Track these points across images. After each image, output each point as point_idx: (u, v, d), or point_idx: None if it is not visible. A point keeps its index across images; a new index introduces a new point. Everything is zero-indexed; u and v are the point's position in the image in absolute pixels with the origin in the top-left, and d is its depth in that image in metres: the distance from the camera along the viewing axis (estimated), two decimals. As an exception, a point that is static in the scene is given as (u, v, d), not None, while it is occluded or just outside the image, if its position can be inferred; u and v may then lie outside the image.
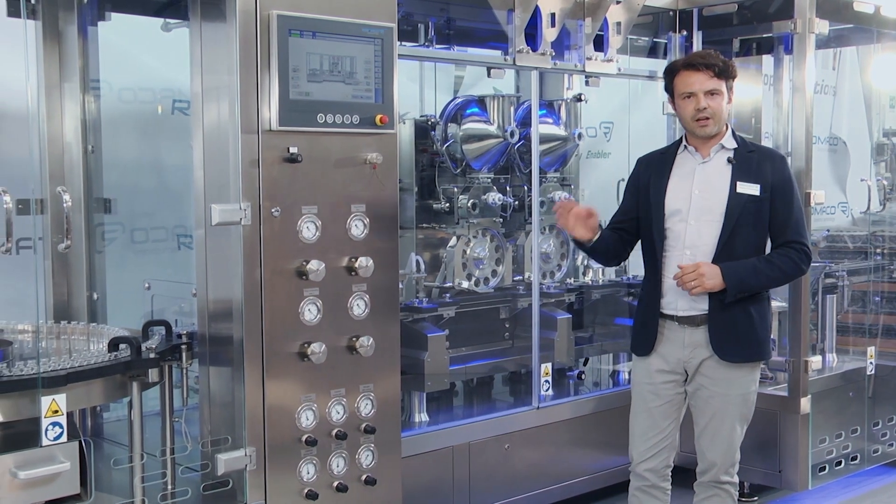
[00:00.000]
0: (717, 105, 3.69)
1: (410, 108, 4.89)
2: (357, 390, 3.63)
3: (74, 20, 4.01)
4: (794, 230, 3.75)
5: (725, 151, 3.77)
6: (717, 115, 3.70)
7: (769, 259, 3.74)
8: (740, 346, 3.75)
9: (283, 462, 3.47)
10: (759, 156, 3.79)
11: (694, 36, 5.27)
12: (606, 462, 4.92)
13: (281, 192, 3.40)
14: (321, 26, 3.44)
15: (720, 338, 3.73)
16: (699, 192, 3.74)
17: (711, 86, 3.69)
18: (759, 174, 3.72)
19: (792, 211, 3.74)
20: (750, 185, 3.70)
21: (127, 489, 3.34)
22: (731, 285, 3.64)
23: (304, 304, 3.46)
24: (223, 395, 3.49)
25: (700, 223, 3.72)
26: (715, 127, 3.72)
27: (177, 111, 4.80)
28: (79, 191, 4.07)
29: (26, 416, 2.94)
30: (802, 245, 3.75)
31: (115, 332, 3.58)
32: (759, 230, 3.74)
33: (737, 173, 3.72)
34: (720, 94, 3.70)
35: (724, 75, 3.71)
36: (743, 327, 3.73)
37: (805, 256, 3.76)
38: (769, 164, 3.76)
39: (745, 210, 3.69)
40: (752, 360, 3.80)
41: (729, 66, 3.74)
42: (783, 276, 3.79)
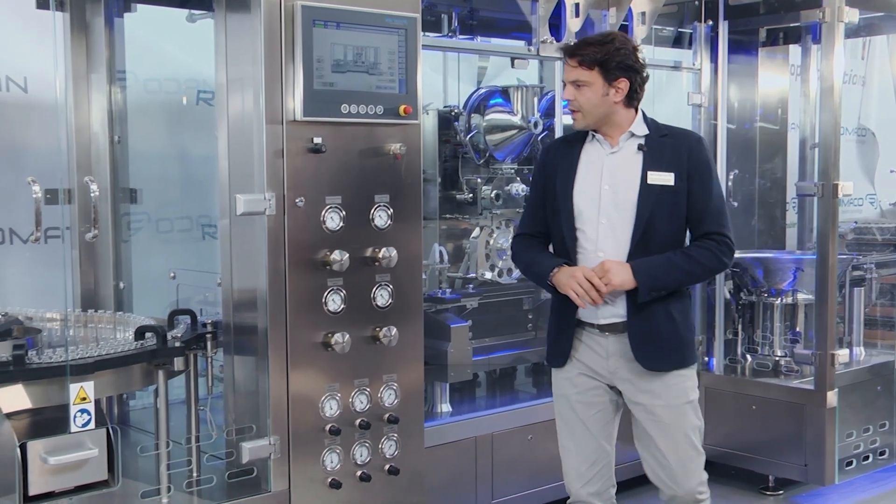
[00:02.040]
0: (583, 97, 3.31)
1: (434, 99, 4.88)
2: (380, 380, 3.64)
3: (101, 11, 4.04)
4: (714, 220, 3.36)
5: (636, 139, 3.37)
6: (584, 107, 3.32)
7: (686, 252, 3.35)
8: (664, 352, 3.37)
9: (307, 451, 3.49)
10: (673, 140, 3.38)
11: (719, 26, 5.23)
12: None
13: (305, 183, 3.41)
14: (345, 17, 3.44)
15: (642, 345, 3.35)
16: (609, 188, 3.36)
17: (575, 76, 3.31)
18: (674, 161, 3.34)
19: (710, 199, 3.36)
20: (662, 174, 3.32)
21: (153, 476, 3.37)
22: (642, 282, 3.28)
23: (328, 295, 3.48)
24: (248, 383, 3.51)
25: (612, 222, 3.35)
26: (586, 120, 3.35)
27: (201, 102, 4.83)
28: (105, 181, 4.10)
29: (55, 402, 2.97)
30: (723, 236, 3.36)
31: (141, 321, 3.61)
32: (676, 223, 3.37)
33: (648, 162, 3.34)
34: (588, 86, 3.29)
35: (595, 65, 3.28)
36: (666, 331, 3.36)
37: (727, 248, 3.36)
38: (684, 149, 3.36)
39: (659, 203, 3.31)
40: (679, 367, 3.40)
41: (605, 52, 3.28)
42: (702, 271, 3.41)
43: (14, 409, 2.95)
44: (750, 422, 5.09)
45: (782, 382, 5.07)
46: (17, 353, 2.99)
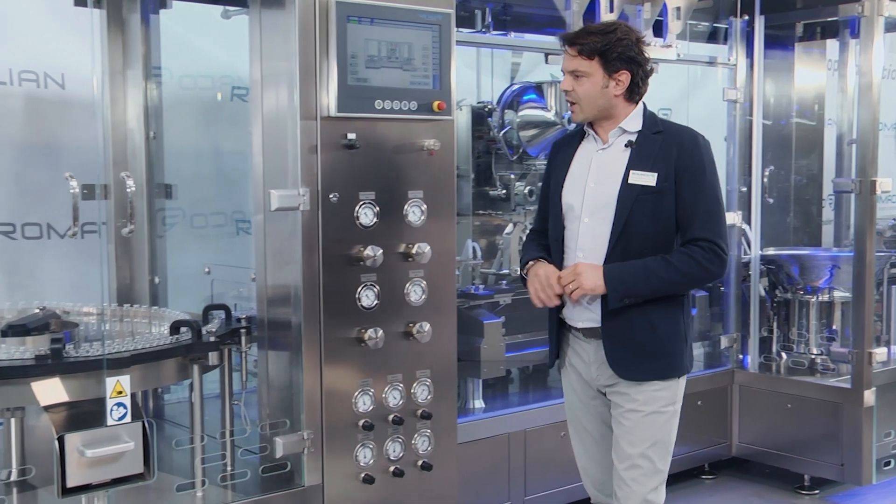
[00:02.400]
0: (581, 89, 3.14)
1: (467, 95, 4.88)
2: (414, 376, 3.64)
3: (137, 8, 4.08)
4: (702, 225, 3.11)
5: (627, 135, 3.20)
6: (582, 99, 3.15)
7: (665, 259, 3.11)
8: (640, 360, 3.17)
9: (341, 446, 3.50)
10: (666, 138, 3.17)
11: (756, 20, 5.19)
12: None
13: (339, 178, 3.41)
14: (379, 12, 3.44)
15: (616, 351, 3.18)
16: (594, 185, 3.20)
17: (574, 66, 3.15)
18: (660, 160, 3.13)
19: (699, 202, 3.12)
20: (645, 173, 3.12)
21: (187, 470, 3.39)
22: (613, 287, 3.09)
23: (362, 290, 3.48)
24: (281, 378, 3.52)
25: (594, 221, 3.18)
26: (584, 113, 3.19)
27: (235, 98, 4.85)
28: (141, 176, 4.14)
29: (91, 396, 2.99)
30: (711, 243, 3.10)
31: (175, 316, 3.64)
32: (660, 227, 3.14)
33: (633, 160, 3.15)
34: (587, 77, 3.13)
35: (595, 55, 3.11)
36: (643, 339, 3.16)
37: (714, 256, 3.10)
38: (674, 148, 3.14)
39: (640, 203, 3.11)
40: (658, 377, 3.18)
41: (606, 42, 3.11)
42: (682, 279, 3.13)
43: (52, 401, 2.97)
44: (785, 420, 5.04)
45: (818, 381, 5.01)
46: (55, 347, 3.02)
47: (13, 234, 4.28)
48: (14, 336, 3.20)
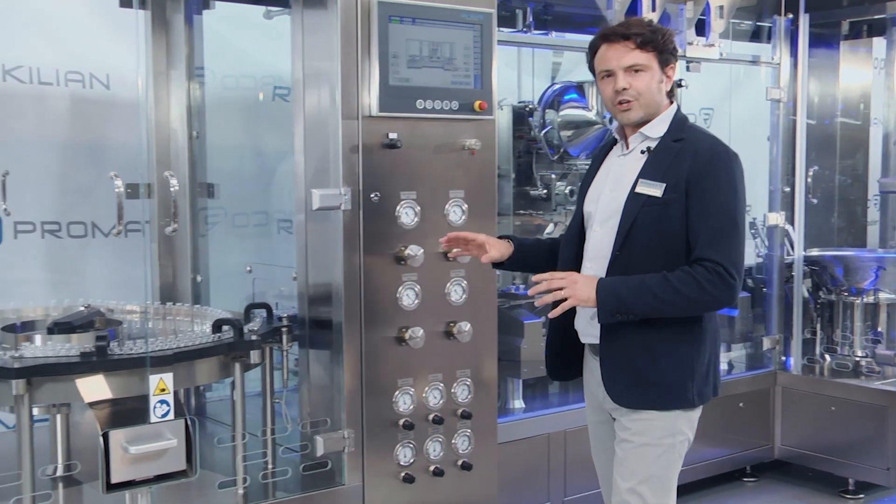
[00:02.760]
0: (641, 84, 2.91)
1: (508, 95, 4.87)
2: (454, 376, 3.64)
3: (181, 9, 4.11)
4: (707, 244, 2.81)
5: (648, 141, 2.98)
6: (642, 96, 2.92)
7: (665, 276, 2.81)
8: (635, 387, 2.92)
9: (381, 445, 3.50)
10: (684, 146, 2.91)
11: (800, 18, 5.14)
12: (704, 453, 4.84)
13: (380, 178, 3.42)
14: (421, 12, 3.45)
15: (611, 373, 2.94)
16: (609, 193, 3.00)
17: (632, 60, 2.91)
18: (672, 169, 2.88)
19: (707, 220, 2.83)
20: (652, 183, 2.88)
21: (229, 467, 3.41)
22: (603, 300, 2.81)
23: (403, 289, 3.48)
24: (322, 377, 3.54)
25: (604, 230, 2.97)
26: (640, 112, 2.94)
27: (277, 97, 4.87)
28: (184, 176, 4.17)
29: (135, 393, 3.02)
30: (716, 264, 2.79)
31: (217, 314, 3.66)
32: (666, 242, 2.87)
33: (645, 168, 2.93)
34: (646, 71, 2.92)
35: (652, 46, 2.91)
36: (639, 365, 2.91)
37: (718, 280, 2.78)
38: (689, 158, 2.88)
39: (643, 215, 2.87)
40: (651, 406, 2.91)
41: (660, 34, 2.94)
42: (681, 301, 2.80)
43: (96, 398, 3.00)
44: (829, 423, 4.98)
45: (863, 383, 4.95)
46: (100, 345, 3.04)
47: (59, 233, 4.33)
48: (60, 333, 3.24)
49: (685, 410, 2.94)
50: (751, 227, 5.42)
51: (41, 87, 4.24)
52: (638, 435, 2.93)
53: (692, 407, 2.95)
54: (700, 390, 2.94)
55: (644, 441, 2.92)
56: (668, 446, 2.93)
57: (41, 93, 4.25)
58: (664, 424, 2.92)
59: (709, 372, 2.96)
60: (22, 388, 2.89)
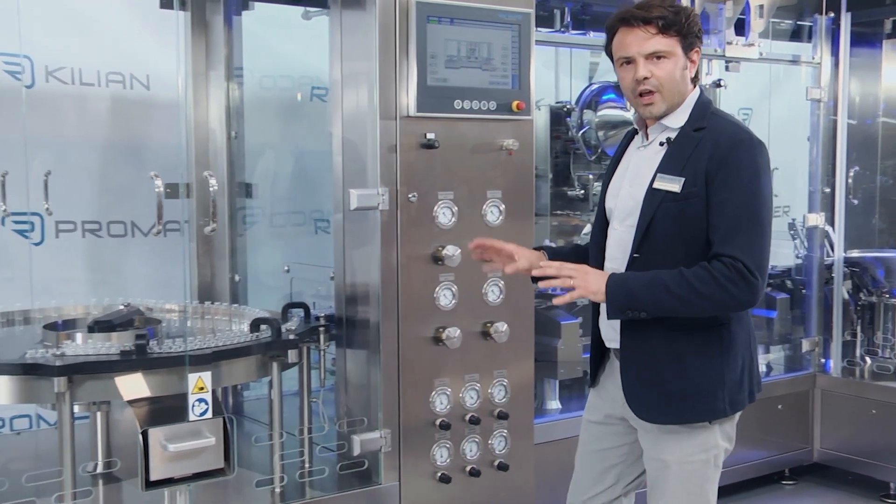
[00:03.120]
0: (663, 73, 2.69)
1: (545, 95, 4.86)
2: (491, 376, 3.64)
3: (220, 10, 4.14)
4: (726, 239, 2.60)
5: (667, 132, 2.77)
6: (665, 85, 2.70)
7: (680, 272, 2.60)
8: (662, 400, 2.73)
9: (417, 445, 3.51)
10: (705, 136, 2.69)
11: (841, 17, 5.07)
12: (742, 455, 4.80)
13: (418, 178, 3.42)
14: (459, 12, 3.44)
15: (634, 383, 2.76)
16: (629, 188, 2.81)
17: (654, 46, 2.67)
18: (692, 162, 2.67)
19: (726, 212, 2.61)
20: (671, 178, 2.68)
21: (266, 466, 3.43)
22: (613, 295, 2.62)
23: (440, 289, 3.49)
24: (359, 377, 3.55)
25: (623, 227, 2.79)
26: (664, 105, 2.72)
27: (315, 98, 4.89)
28: (222, 175, 4.20)
29: (173, 391, 3.04)
30: (736, 260, 2.56)
31: (255, 314, 3.68)
32: (689, 240, 2.67)
33: (664, 162, 2.73)
34: (669, 58, 2.68)
35: (676, 30, 2.67)
36: (666, 374, 2.71)
37: (738, 277, 2.56)
38: (709, 148, 2.66)
39: (662, 212, 2.68)
40: (680, 421, 2.72)
41: (684, 15, 2.69)
42: (697, 299, 2.58)
43: (135, 396, 3.03)
44: (870, 426, 4.92)
45: (905, 386, 4.89)
46: (140, 343, 3.07)
47: (99, 232, 4.38)
48: (100, 332, 3.27)
49: (713, 423, 2.76)
50: (790, 227, 5.37)
51: (83, 87, 4.28)
52: (669, 453, 2.76)
53: (723, 417, 2.75)
54: (732, 398, 2.75)
55: (677, 458, 2.75)
56: (703, 462, 2.76)
57: (83, 94, 4.29)
58: (698, 441, 2.74)
59: (742, 378, 2.77)
60: (63, 385, 2.92)
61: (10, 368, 2.98)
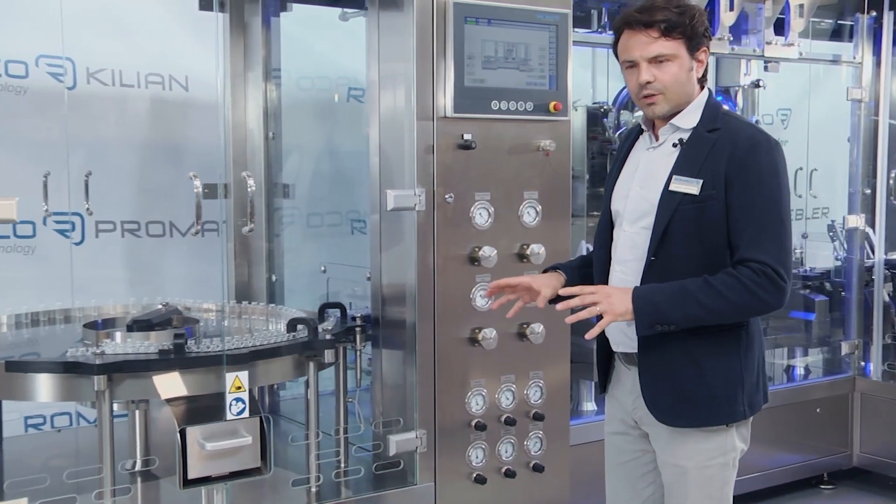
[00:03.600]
0: (667, 76, 2.65)
1: (582, 95, 4.84)
2: (526, 377, 3.63)
3: (259, 11, 4.17)
4: (751, 243, 2.57)
5: (680, 133, 2.72)
6: (668, 89, 2.66)
7: (707, 281, 2.57)
8: (680, 403, 2.69)
9: (453, 445, 3.50)
10: (720, 137, 2.65)
11: (884, 16, 5.02)
12: (780, 458, 4.77)
13: (454, 179, 3.42)
14: (496, 13, 3.44)
15: (653, 387, 2.71)
16: (639, 189, 2.75)
17: (656, 51, 2.63)
18: (709, 163, 2.63)
19: (750, 216, 2.58)
20: (688, 179, 2.63)
21: (302, 466, 3.44)
22: (641, 312, 2.56)
23: (476, 290, 3.48)
24: (395, 377, 3.55)
25: (634, 231, 2.73)
26: (667, 105, 2.68)
27: (352, 98, 4.91)
28: (260, 176, 4.22)
29: (211, 390, 3.06)
30: (764, 265, 2.54)
31: (292, 314, 3.70)
32: (707, 243, 2.64)
33: (679, 163, 2.68)
34: (672, 60, 2.65)
35: (679, 32, 2.63)
36: (684, 378, 2.68)
37: (768, 281, 2.54)
38: (727, 150, 2.62)
39: (680, 215, 2.63)
40: (699, 424, 2.70)
41: (688, 16, 2.64)
42: (727, 307, 2.57)
43: (174, 395, 3.05)
44: (911, 431, 4.87)
45: (947, 391, 4.83)
46: (178, 342, 3.09)
47: (138, 232, 4.42)
48: (139, 331, 3.30)
49: (735, 425, 2.73)
50: (829, 229, 5.31)
51: (123, 89, 4.33)
52: (686, 458, 2.72)
53: (742, 419, 2.73)
54: (751, 400, 2.72)
55: (696, 464, 2.72)
56: (722, 465, 2.74)
57: (123, 95, 4.34)
58: (715, 445, 2.72)
59: (759, 379, 2.75)
60: (103, 383, 2.95)
61: (52, 367, 3.02)
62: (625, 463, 2.92)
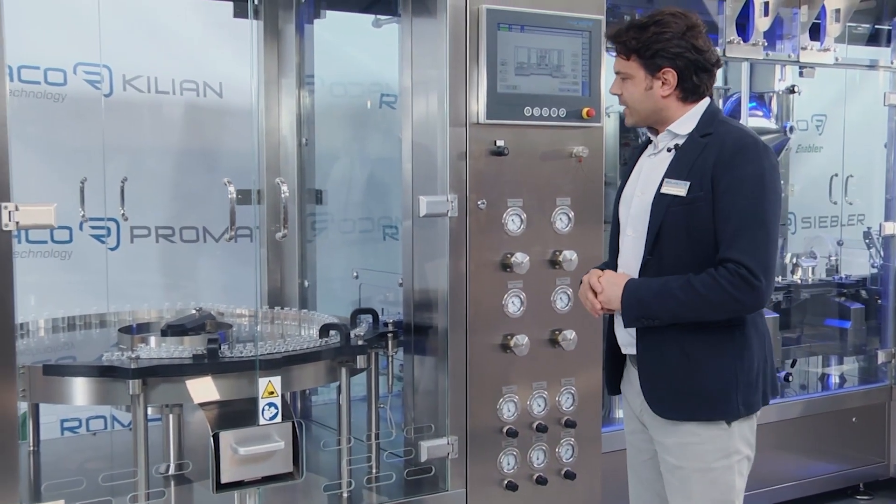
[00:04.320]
0: (626, 93, 2.82)
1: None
2: (558, 384, 3.62)
3: (292, 19, 4.19)
4: (731, 243, 2.63)
5: (676, 139, 2.82)
6: (630, 104, 2.83)
7: (688, 279, 2.66)
8: (675, 396, 2.76)
9: (484, 452, 3.50)
10: (711, 141, 2.74)
11: (922, 21, 4.97)
12: (814, 468, 4.72)
13: (487, 185, 3.42)
14: (529, 19, 3.44)
15: (650, 382, 2.79)
16: (640, 195, 2.86)
17: (617, 67, 2.84)
18: (698, 166, 2.71)
19: (730, 217, 2.65)
20: (677, 182, 2.73)
21: (334, 471, 3.45)
22: (627, 305, 2.70)
23: (508, 297, 3.48)
24: (427, 383, 3.55)
25: (635, 233, 2.84)
26: (633, 117, 2.86)
27: (384, 105, 4.92)
28: (293, 182, 4.24)
29: (244, 395, 3.08)
30: (739, 265, 2.61)
31: (324, 319, 3.71)
32: (696, 244, 2.71)
33: (671, 167, 2.78)
34: (630, 79, 2.80)
35: (636, 55, 2.77)
36: (677, 372, 2.74)
37: (741, 281, 2.60)
38: (714, 152, 2.70)
39: (670, 216, 2.73)
40: (692, 417, 2.74)
41: (643, 41, 2.75)
42: (704, 305, 2.64)
43: (207, 399, 3.07)
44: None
45: None
46: (212, 347, 3.11)
47: (172, 238, 4.45)
48: (173, 336, 3.32)
49: (734, 422, 2.75)
50: (865, 236, 5.26)
51: (158, 95, 4.37)
52: (688, 459, 2.76)
53: (737, 417, 2.75)
54: (746, 400, 2.75)
55: (698, 466, 2.75)
56: (726, 468, 2.75)
57: (158, 101, 4.38)
58: (717, 446, 2.74)
59: (758, 380, 2.78)
60: (138, 388, 2.98)
61: (88, 371, 3.05)
62: (644, 462, 2.97)
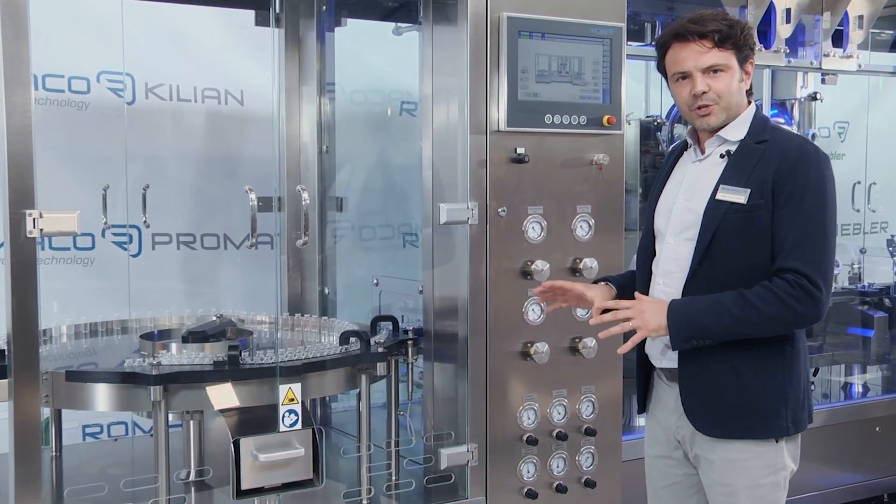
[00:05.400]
0: (721, 86, 2.67)
1: (635, 109, 4.82)
2: (579, 391, 3.61)
3: (314, 27, 4.20)
4: (791, 253, 2.55)
5: (727, 144, 2.73)
6: (722, 99, 2.68)
7: (742, 293, 2.56)
8: (721, 414, 2.67)
9: (504, 460, 3.49)
10: (768, 148, 2.66)
11: (946, 28, 4.94)
12: (837, 478, 4.68)
13: (507, 193, 3.42)
14: (550, 27, 3.44)
15: (693, 399, 2.69)
16: (684, 202, 2.76)
17: (710, 61, 2.65)
18: (757, 173, 2.63)
19: (793, 225, 2.57)
20: (735, 189, 2.64)
21: (353, 478, 3.44)
22: (676, 327, 2.57)
23: (528, 304, 3.47)
24: (447, 390, 3.55)
25: (678, 242, 2.73)
26: (722, 115, 2.70)
27: (404, 112, 4.93)
28: (313, 189, 4.25)
29: (264, 402, 3.09)
30: (800, 275, 2.52)
31: (344, 326, 3.71)
32: (753, 254, 2.62)
33: (726, 173, 2.68)
34: (726, 71, 2.67)
35: (731, 43, 2.66)
36: (725, 389, 2.65)
37: (802, 293, 2.52)
38: (776, 160, 2.62)
39: (726, 224, 2.63)
40: (741, 436, 2.66)
41: (738, 28, 2.67)
42: (761, 320, 2.55)
43: (227, 406, 3.08)
44: None
45: None
46: (232, 354, 3.12)
47: (193, 245, 4.47)
48: (194, 342, 3.33)
49: (784, 441, 2.69)
50: (888, 244, 5.22)
51: (180, 103, 4.40)
52: (732, 476, 2.68)
53: (787, 435, 2.69)
54: (796, 417, 2.69)
55: (746, 483, 2.68)
56: (773, 484, 2.69)
57: (179, 109, 4.40)
58: (765, 462, 2.68)
59: (805, 397, 2.72)
60: (159, 394, 2.99)
61: (109, 377, 3.06)
62: (668, 486, 2.88)
